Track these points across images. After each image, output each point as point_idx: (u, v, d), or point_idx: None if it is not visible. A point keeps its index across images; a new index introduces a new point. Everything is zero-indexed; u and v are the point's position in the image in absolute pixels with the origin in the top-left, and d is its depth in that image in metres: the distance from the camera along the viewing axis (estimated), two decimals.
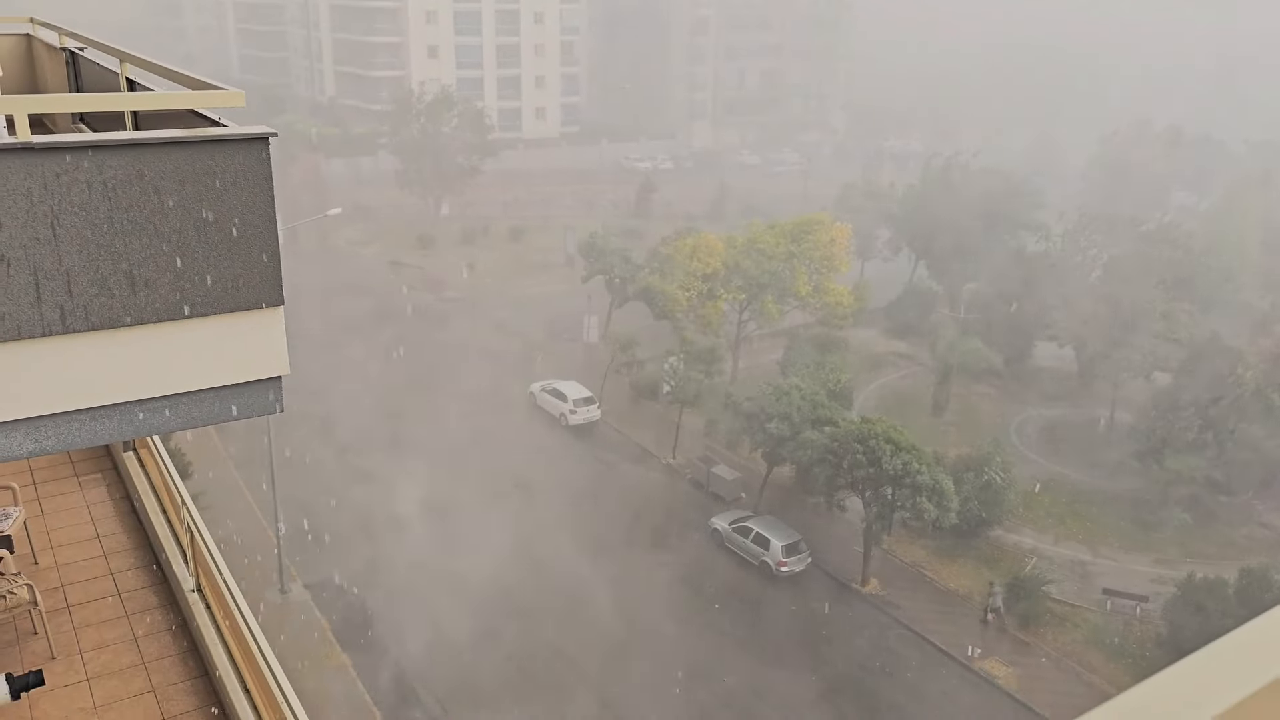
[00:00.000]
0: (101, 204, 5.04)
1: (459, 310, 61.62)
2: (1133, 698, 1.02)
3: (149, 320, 5.28)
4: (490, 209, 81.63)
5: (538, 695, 29.34)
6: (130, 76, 7.67)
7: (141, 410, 5.56)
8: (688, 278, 47.29)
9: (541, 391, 47.85)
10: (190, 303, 5.34)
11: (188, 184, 5.20)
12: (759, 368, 49.59)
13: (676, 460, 43.43)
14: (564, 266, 68.44)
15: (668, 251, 49.16)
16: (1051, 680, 31.14)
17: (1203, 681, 0.98)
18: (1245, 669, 0.98)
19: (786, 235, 48.25)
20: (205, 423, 5.86)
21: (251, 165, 5.33)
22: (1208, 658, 1.03)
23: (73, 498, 11.61)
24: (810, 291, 48.81)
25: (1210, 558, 36.26)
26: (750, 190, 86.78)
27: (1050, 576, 35.17)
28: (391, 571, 34.58)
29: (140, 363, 5.42)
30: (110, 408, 5.45)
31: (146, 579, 10.26)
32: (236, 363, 5.65)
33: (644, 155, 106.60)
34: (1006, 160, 77.84)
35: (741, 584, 35.35)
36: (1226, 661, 1.00)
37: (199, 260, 5.31)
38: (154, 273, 5.23)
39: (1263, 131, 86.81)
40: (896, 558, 36.91)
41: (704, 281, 47.45)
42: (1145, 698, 1.01)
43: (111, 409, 5.46)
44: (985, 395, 49.57)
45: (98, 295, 5.13)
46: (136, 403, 5.51)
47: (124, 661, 9.07)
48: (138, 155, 5.06)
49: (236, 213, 5.34)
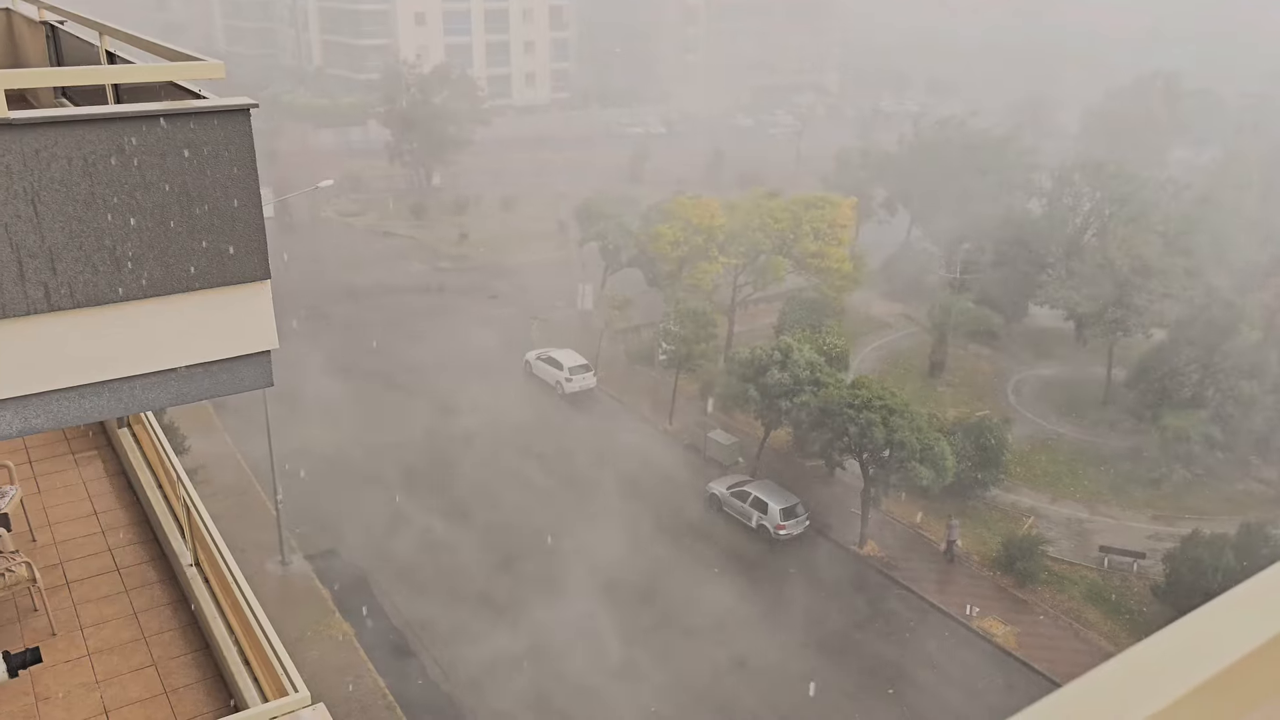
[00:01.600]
0: (82, 179, 4.98)
1: (452, 280, 61.44)
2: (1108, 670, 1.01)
3: (134, 297, 5.24)
4: (482, 178, 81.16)
5: (548, 668, 29.57)
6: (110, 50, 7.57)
7: (130, 387, 5.53)
8: (685, 231, 46.87)
9: (537, 360, 47.82)
10: (175, 278, 5.30)
11: (169, 157, 5.14)
12: (755, 332, 49.54)
13: (673, 426, 43.51)
14: (557, 234, 68.20)
15: (667, 207, 48.77)
16: (1049, 637, 31.43)
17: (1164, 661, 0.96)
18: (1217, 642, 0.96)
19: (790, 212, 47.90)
20: (195, 398, 5.84)
21: (233, 137, 5.26)
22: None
23: (69, 475, 11.61)
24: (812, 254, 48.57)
25: (1207, 514, 36.47)
26: (744, 154, 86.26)
27: (1048, 535, 35.41)
28: (389, 539, 34.74)
29: (127, 339, 5.39)
30: (99, 385, 5.43)
31: (145, 554, 10.29)
32: (224, 338, 5.62)
33: (636, 120, 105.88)
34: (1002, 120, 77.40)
35: (740, 548, 35.54)
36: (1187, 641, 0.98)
37: (183, 235, 5.26)
38: (138, 248, 5.19)
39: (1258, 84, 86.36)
40: (895, 519, 37.11)
41: (700, 236, 46.98)
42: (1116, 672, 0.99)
43: (100, 386, 5.43)
44: (982, 355, 49.62)
45: (82, 272, 5.08)
46: (125, 380, 5.48)
47: (124, 636, 9.11)
48: (117, 129, 5.00)
49: (219, 186, 5.28)
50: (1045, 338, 50.69)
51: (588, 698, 28.26)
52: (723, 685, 29.01)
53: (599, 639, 30.47)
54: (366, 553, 34.16)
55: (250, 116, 5.32)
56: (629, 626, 31.13)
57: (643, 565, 34.22)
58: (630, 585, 33.10)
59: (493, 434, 42.45)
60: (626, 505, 37.75)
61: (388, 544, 34.65)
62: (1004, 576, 33.86)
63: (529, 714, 27.63)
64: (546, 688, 28.55)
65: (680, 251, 46.95)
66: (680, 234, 46.69)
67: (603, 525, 36.30)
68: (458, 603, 31.92)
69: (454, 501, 37.31)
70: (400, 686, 28.31)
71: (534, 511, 37.02)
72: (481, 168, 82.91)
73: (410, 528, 35.59)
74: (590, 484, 39.14)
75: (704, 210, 47.47)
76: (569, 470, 40.06)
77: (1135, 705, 0.95)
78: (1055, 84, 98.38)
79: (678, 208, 47.75)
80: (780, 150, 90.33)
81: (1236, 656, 0.95)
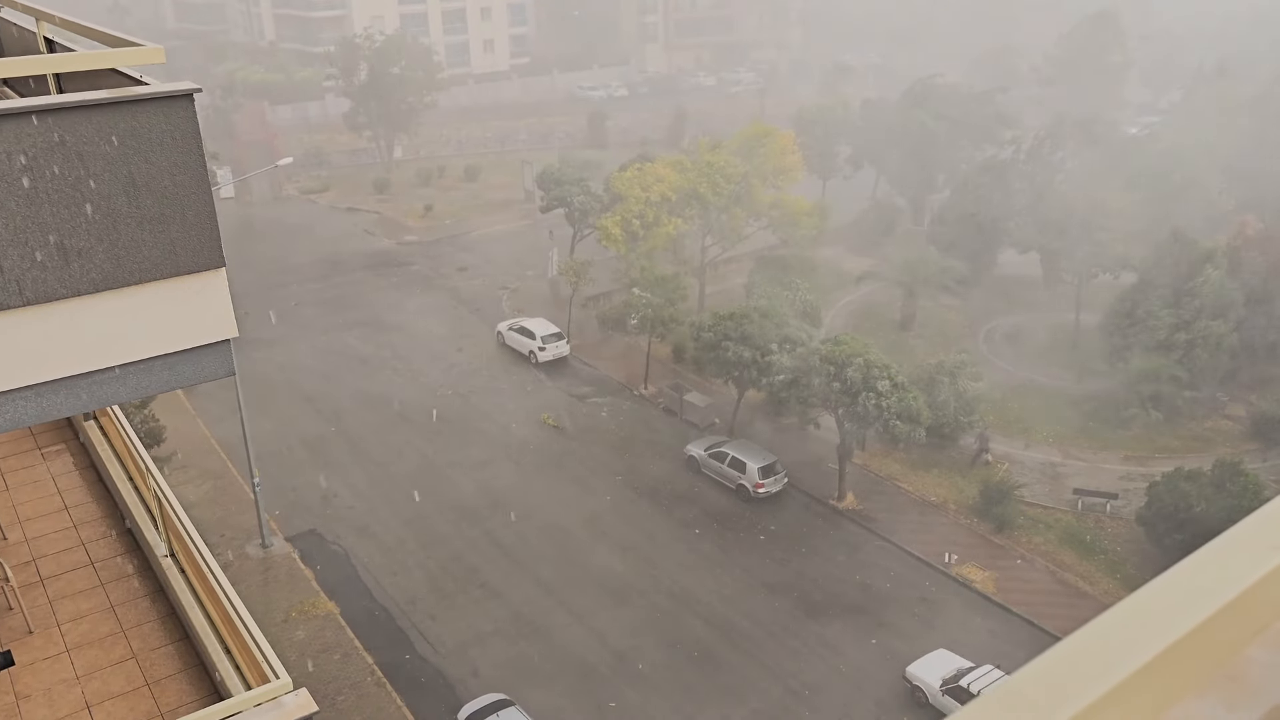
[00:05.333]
0: (24, 173, 4.86)
1: (419, 253, 60.94)
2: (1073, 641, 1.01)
3: (86, 291, 5.14)
4: (444, 149, 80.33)
5: (533, 635, 29.74)
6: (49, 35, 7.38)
7: (89, 383, 5.44)
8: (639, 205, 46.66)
9: (509, 330, 47.63)
10: (127, 270, 5.19)
11: (111, 147, 5.02)
12: (725, 293, 49.56)
13: (648, 390, 43.57)
14: (524, 202, 67.68)
15: (617, 187, 48.46)
16: (1027, 580, 31.94)
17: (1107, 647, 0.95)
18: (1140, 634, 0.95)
19: (737, 153, 47.70)
20: (156, 390, 5.76)
21: (177, 124, 5.14)
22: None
23: (36, 470, 11.46)
24: (770, 205, 48.49)
25: (1177, 452, 37.06)
26: (707, 112, 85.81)
27: (1022, 480, 35.86)
28: (369, 514, 34.70)
29: (82, 335, 5.29)
30: (56, 383, 5.33)
31: (119, 546, 10.20)
32: (182, 329, 5.52)
33: (597, 84, 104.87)
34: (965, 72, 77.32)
35: (720, 508, 35.77)
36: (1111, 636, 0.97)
37: (131, 226, 5.15)
38: (86, 241, 5.08)
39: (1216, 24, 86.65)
40: (871, 472, 37.45)
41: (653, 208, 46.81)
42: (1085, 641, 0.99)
43: (57, 384, 5.34)
44: (952, 306, 49.91)
45: (29, 269, 4.97)
46: (82, 376, 5.39)
47: (103, 630, 9.05)
48: (55, 120, 4.87)
49: (166, 174, 5.17)
50: (1014, 286, 51.01)
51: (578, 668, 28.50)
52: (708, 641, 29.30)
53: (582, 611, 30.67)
54: (347, 531, 34.10)
55: (194, 101, 5.20)
56: (612, 591, 31.34)
57: (623, 529, 34.38)
58: (611, 550, 33.28)
59: (466, 407, 42.36)
60: (606, 471, 37.84)
61: (368, 521, 34.61)
62: (981, 523, 34.32)
63: (518, 678, 27.82)
64: (532, 653, 28.75)
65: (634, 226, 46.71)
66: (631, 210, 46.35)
67: (581, 492, 36.41)
68: (442, 575, 32.00)
69: (431, 474, 37.26)
70: (389, 662, 28.41)
71: (513, 482, 37.04)
72: (444, 138, 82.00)
73: (389, 502, 35.53)
74: (567, 452, 39.19)
75: (653, 177, 47.16)
76: (545, 440, 40.07)
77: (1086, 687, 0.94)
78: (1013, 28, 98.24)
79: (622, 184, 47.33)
80: (744, 107, 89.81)
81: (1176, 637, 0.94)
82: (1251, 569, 0.96)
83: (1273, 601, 0.97)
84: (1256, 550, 0.99)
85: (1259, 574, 0.96)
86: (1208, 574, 0.98)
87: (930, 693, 26.66)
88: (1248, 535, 1.02)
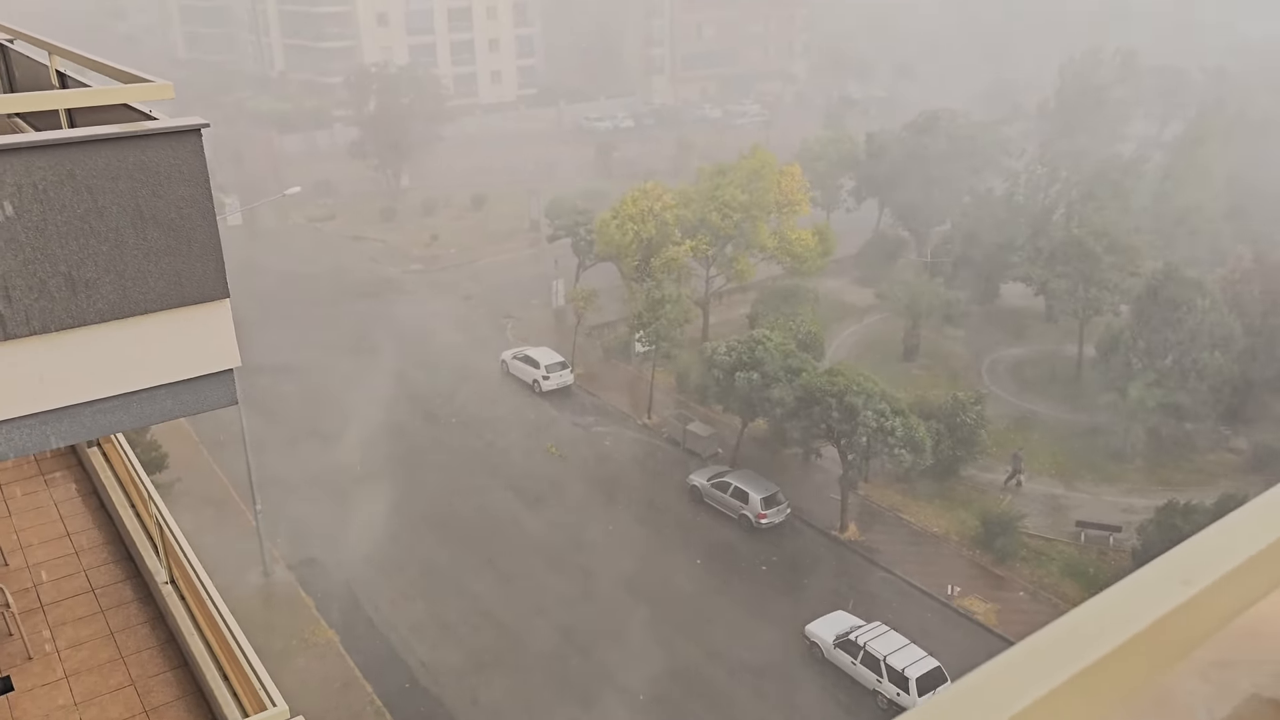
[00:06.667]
0: (34, 206, 4.97)
1: (424, 282, 61.24)
2: None
3: (92, 321, 5.23)
4: (451, 178, 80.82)
5: (534, 664, 29.63)
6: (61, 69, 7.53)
7: (93, 411, 5.53)
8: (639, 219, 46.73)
9: (513, 359, 47.74)
10: (133, 301, 5.29)
11: (120, 181, 5.13)
12: (730, 323, 49.70)
13: (652, 420, 43.60)
14: (529, 232, 68.05)
15: (615, 205, 48.71)
16: (1029, 613, 31.78)
17: None
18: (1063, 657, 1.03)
19: (737, 184, 47.86)
20: (158, 420, 5.84)
21: (184, 158, 5.26)
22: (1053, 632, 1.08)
23: (40, 496, 11.53)
24: (775, 241, 48.66)
25: (1179, 485, 36.94)
26: (712, 144, 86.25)
27: (1024, 512, 35.77)
28: (370, 542, 34.67)
29: (87, 364, 5.38)
30: (60, 411, 5.42)
31: (119, 573, 10.25)
32: (185, 358, 5.61)
33: (604, 115, 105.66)
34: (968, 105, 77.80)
35: (722, 538, 35.69)
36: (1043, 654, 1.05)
37: (138, 258, 5.25)
38: (93, 273, 5.18)
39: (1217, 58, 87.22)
40: (874, 503, 37.37)
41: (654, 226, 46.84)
42: None
43: (61, 412, 5.42)
44: (955, 338, 49.98)
45: (38, 299, 5.08)
46: (86, 404, 5.47)
47: (102, 657, 9.08)
48: (66, 155, 4.99)
49: (173, 207, 5.28)
50: (1017, 318, 51.12)
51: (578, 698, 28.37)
52: (709, 674, 29.15)
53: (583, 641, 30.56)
54: (348, 558, 34.06)
55: (201, 136, 5.32)
56: (615, 622, 31.22)
57: (625, 559, 34.29)
58: (613, 580, 33.18)
59: (470, 435, 42.41)
60: (608, 500, 37.81)
61: (369, 548, 34.56)
62: (983, 554, 34.20)
63: (517, 708, 27.69)
64: (532, 683, 28.62)
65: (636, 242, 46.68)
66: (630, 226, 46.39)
67: (584, 521, 36.37)
68: (442, 603, 31.91)
69: (434, 503, 37.25)
70: (388, 690, 28.30)
71: (515, 511, 37.02)
72: (451, 168, 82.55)
73: (391, 530, 35.51)
74: (570, 481, 39.18)
75: (653, 197, 47.28)
76: (549, 468, 40.08)
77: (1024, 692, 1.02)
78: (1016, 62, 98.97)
79: (625, 205, 47.54)
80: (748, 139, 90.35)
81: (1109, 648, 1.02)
82: (1159, 603, 1.04)
83: (1181, 634, 1.05)
84: (1167, 584, 1.07)
85: (1166, 609, 1.03)
86: (1117, 607, 1.05)
87: (825, 648, 29.56)
88: (1160, 570, 1.10)
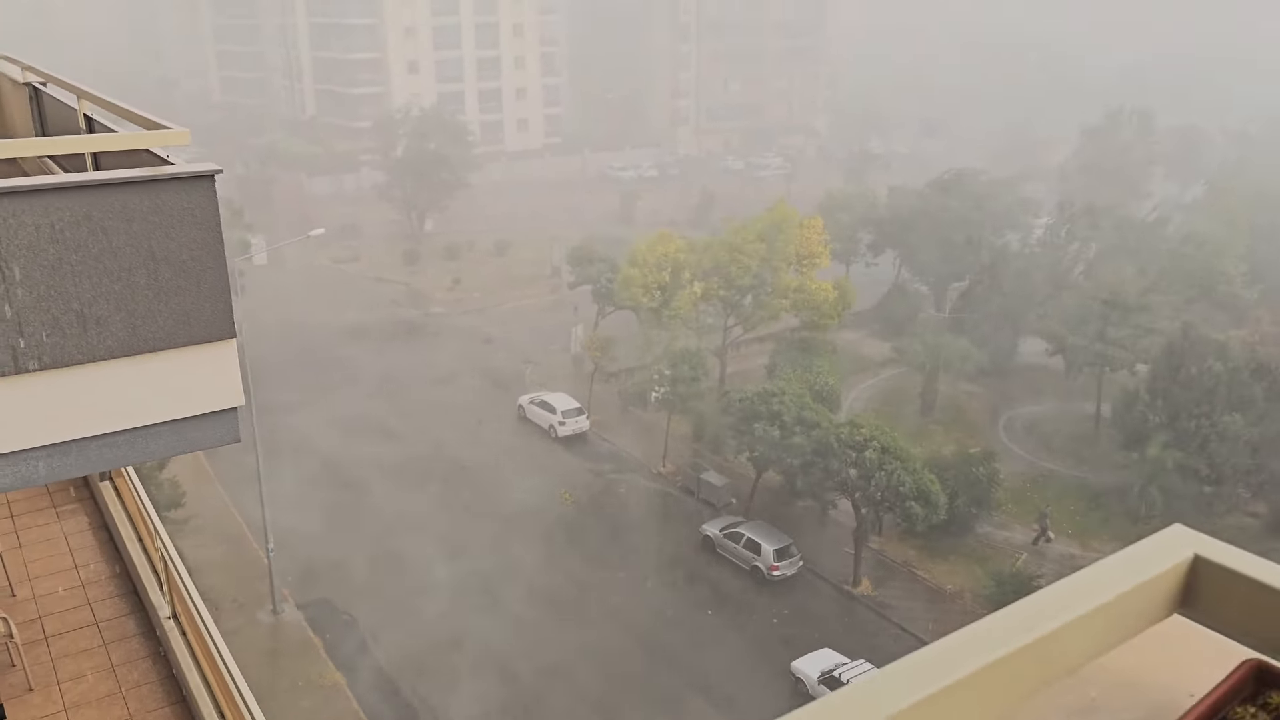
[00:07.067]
0: (50, 246, 5.15)
1: (445, 325, 61.70)
2: None
3: (101, 358, 5.39)
4: (475, 223, 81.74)
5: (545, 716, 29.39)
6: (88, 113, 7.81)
7: (98, 445, 5.67)
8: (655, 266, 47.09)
9: (530, 404, 47.91)
10: (142, 339, 5.45)
11: (135, 223, 5.31)
12: (746, 373, 49.74)
13: (666, 468, 43.54)
14: (550, 278, 68.58)
15: (632, 251, 49.19)
16: None
17: None
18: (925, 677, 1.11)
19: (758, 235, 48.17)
20: (163, 455, 5.98)
21: (198, 202, 5.44)
22: None
23: (51, 529, 11.68)
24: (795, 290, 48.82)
25: None
26: (734, 195, 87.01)
27: (1040, 572, 35.34)
28: (381, 584, 34.61)
29: (95, 399, 5.53)
30: (67, 444, 5.56)
31: (124, 607, 10.34)
32: (191, 396, 5.76)
33: (628, 164, 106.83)
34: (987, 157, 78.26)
35: (734, 590, 35.44)
36: None
37: (149, 298, 5.42)
38: (105, 311, 5.35)
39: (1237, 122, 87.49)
40: (887, 557, 37.06)
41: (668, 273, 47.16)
42: None
43: (68, 445, 5.56)
44: (973, 393, 49.79)
45: (50, 335, 5.24)
46: (93, 439, 5.61)
47: (101, 690, 9.15)
48: (84, 197, 5.18)
49: (185, 249, 5.45)
50: (1035, 375, 50.90)
51: None
52: None
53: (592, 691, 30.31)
54: (358, 600, 34.01)
55: (215, 181, 5.51)
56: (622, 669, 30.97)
57: (635, 608, 34.08)
58: (623, 629, 32.95)
59: (485, 479, 42.44)
60: (621, 548, 37.66)
61: (380, 591, 34.52)
62: None
63: None
64: None
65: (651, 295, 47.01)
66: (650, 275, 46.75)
67: (596, 568, 36.21)
68: (452, 649, 31.75)
69: (446, 546, 37.20)
70: None
71: (527, 556, 36.92)
72: (475, 213, 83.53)
73: (404, 573, 35.46)
74: (583, 527, 39.08)
75: (667, 244, 47.67)
76: (562, 514, 40.02)
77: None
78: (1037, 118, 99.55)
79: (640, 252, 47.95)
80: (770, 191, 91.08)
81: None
82: (1003, 644, 1.13)
83: (1025, 674, 1.13)
84: (1013, 629, 1.16)
85: (1009, 649, 1.12)
86: (966, 646, 1.14)
87: (810, 684, 30.14)
88: (1009, 615, 1.19)
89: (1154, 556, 1.40)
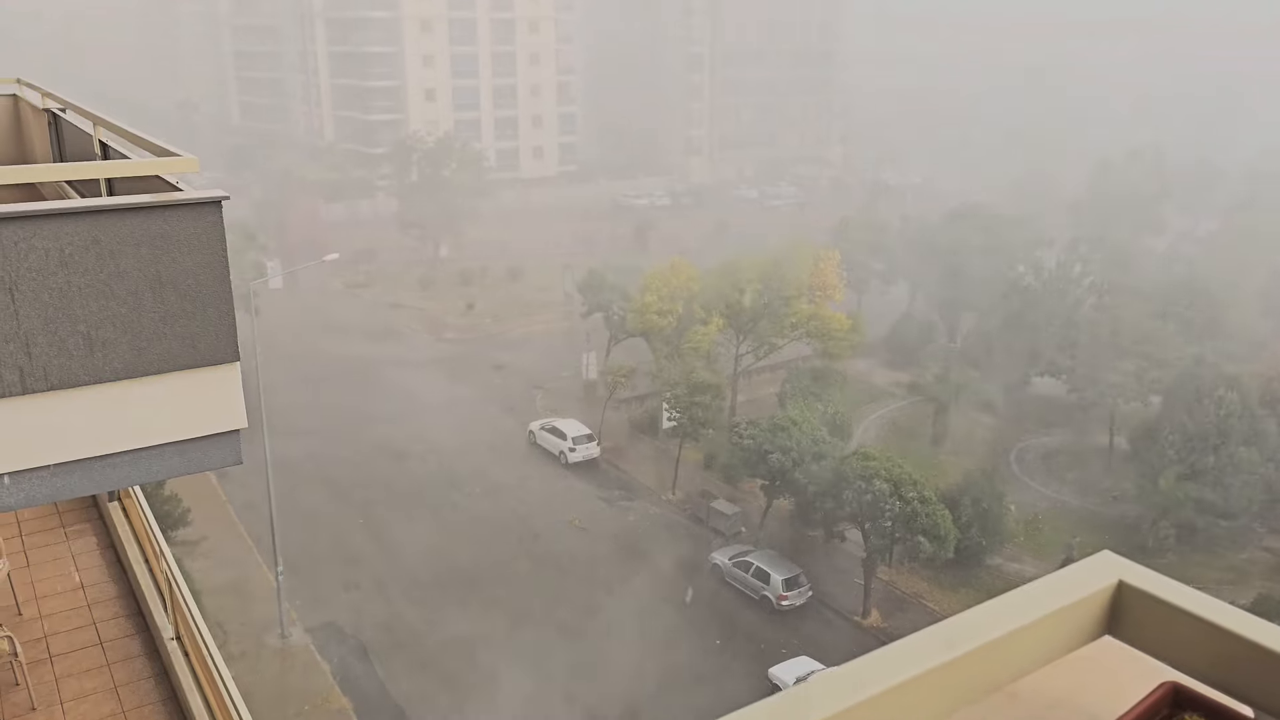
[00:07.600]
0: (59, 269, 5.26)
1: (457, 350, 61.93)
2: None
3: (107, 379, 5.48)
4: (489, 249, 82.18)
5: None
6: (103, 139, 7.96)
7: (103, 465, 5.75)
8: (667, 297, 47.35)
9: (541, 430, 47.97)
10: (147, 361, 5.54)
11: (142, 248, 5.42)
12: (758, 401, 49.72)
13: (676, 496, 43.45)
14: (563, 305, 68.80)
15: (645, 279, 49.51)
16: None
17: None
18: None
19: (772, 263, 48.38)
20: (166, 476, 6.06)
21: (204, 228, 5.54)
22: None
23: (59, 548, 11.76)
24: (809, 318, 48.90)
25: (1211, 584, 36.06)
26: (747, 224, 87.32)
27: None
28: (389, 609, 34.58)
29: (100, 420, 5.61)
30: (71, 464, 5.64)
31: (129, 628, 10.39)
32: (194, 418, 5.84)
33: (641, 192, 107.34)
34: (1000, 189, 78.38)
35: (742, 619, 35.26)
36: None
37: (155, 321, 5.51)
38: (111, 333, 5.44)
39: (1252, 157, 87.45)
40: (897, 589, 36.82)
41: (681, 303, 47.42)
42: None
43: (73, 465, 5.64)
44: (984, 424, 49.60)
45: (56, 356, 5.33)
46: (97, 459, 5.69)
47: (103, 710, 9.18)
48: (92, 222, 5.28)
49: (190, 274, 5.55)
50: (1047, 406, 50.69)
51: None
52: None
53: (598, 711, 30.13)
54: (366, 624, 33.97)
55: (221, 208, 5.61)
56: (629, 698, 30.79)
57: (643, 637, 33.91)
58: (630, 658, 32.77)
59: (494, 504, 42.44)
60: (629, 575, 37.53)
61: (387, 615, 34.48)
62: None
63: None
64: None
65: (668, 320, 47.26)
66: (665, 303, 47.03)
67: (604, 596, 36.08)
68: (459, 674, 31.65)
69: (455, 571, 37.16)
70: None
71: (535, 583, 36.83)
72: (489, 239, 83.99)
73: (411, 597, 35.43)
74: (592, 554, 38.99)
75: (681, 274, 47.93)
76: (571, 540, 39.95)
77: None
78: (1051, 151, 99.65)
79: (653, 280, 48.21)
80: (783, 221, 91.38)
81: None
82: (921, 662, 1.17)
83: (944, 691, 1.18)
84: (933, 646, 1.20)
85: (927, 667, 1.17)
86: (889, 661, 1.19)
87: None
88: (930, 634, 1.24)
89: (1082, 580, 1.45)
